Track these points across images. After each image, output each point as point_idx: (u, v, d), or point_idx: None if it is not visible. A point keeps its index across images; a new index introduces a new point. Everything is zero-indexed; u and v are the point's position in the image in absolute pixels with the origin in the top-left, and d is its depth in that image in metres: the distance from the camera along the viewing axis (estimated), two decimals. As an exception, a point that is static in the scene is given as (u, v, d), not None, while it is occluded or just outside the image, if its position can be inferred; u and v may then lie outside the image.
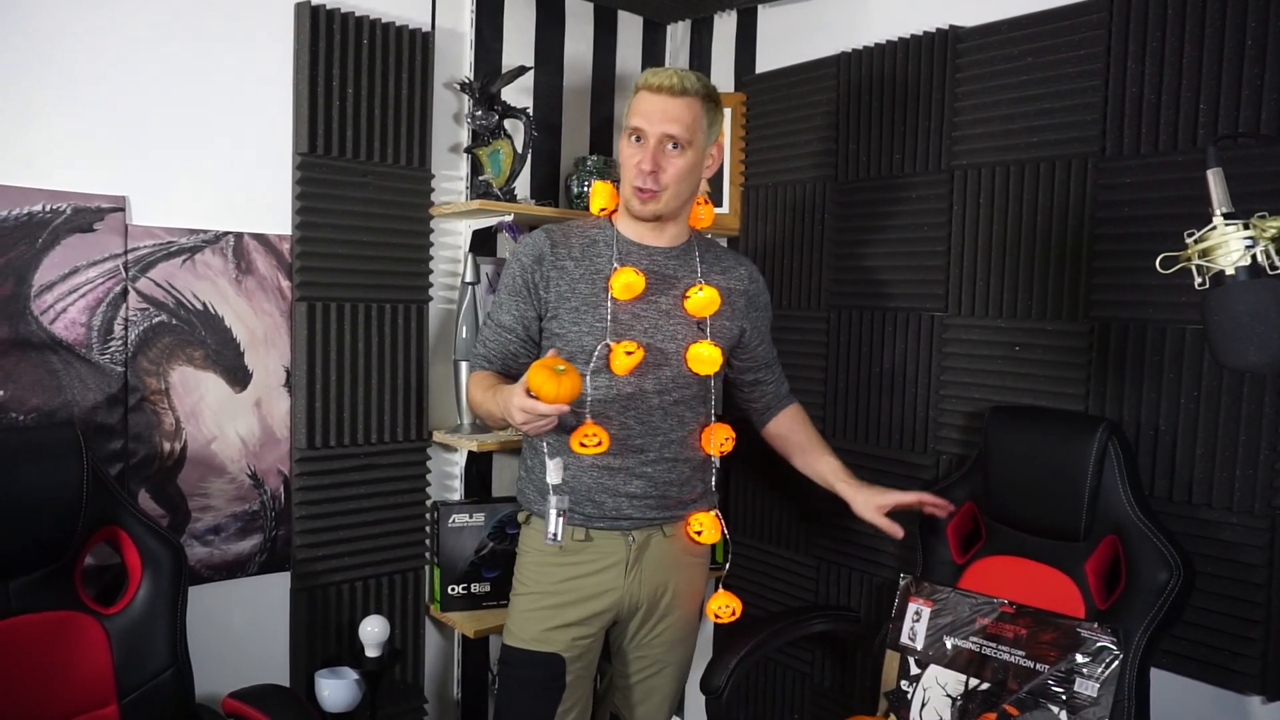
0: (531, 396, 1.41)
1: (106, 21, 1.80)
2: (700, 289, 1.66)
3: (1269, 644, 1.60)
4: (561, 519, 1.59)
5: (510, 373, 1.68)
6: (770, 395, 1.91)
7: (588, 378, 1.61)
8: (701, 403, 1.74)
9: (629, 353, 1.58)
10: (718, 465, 1.81)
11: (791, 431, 1.91)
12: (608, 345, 1.60)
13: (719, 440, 1.76)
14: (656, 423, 1.67)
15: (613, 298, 1.62)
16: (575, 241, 1.68)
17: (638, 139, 1.61)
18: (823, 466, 1.85)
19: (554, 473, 1.58)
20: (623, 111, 1.66)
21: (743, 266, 1.80)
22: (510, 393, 1.46)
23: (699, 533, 1.76)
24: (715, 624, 2.64)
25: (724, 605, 1.81)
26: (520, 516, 1.79)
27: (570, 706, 1.69)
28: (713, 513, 1.79)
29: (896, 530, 1.74)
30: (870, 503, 1.76)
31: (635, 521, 1.69)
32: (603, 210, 1.74)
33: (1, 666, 1.54)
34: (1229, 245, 1.14)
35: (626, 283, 1.61)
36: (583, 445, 1.59)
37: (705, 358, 1.66)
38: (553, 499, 1.58)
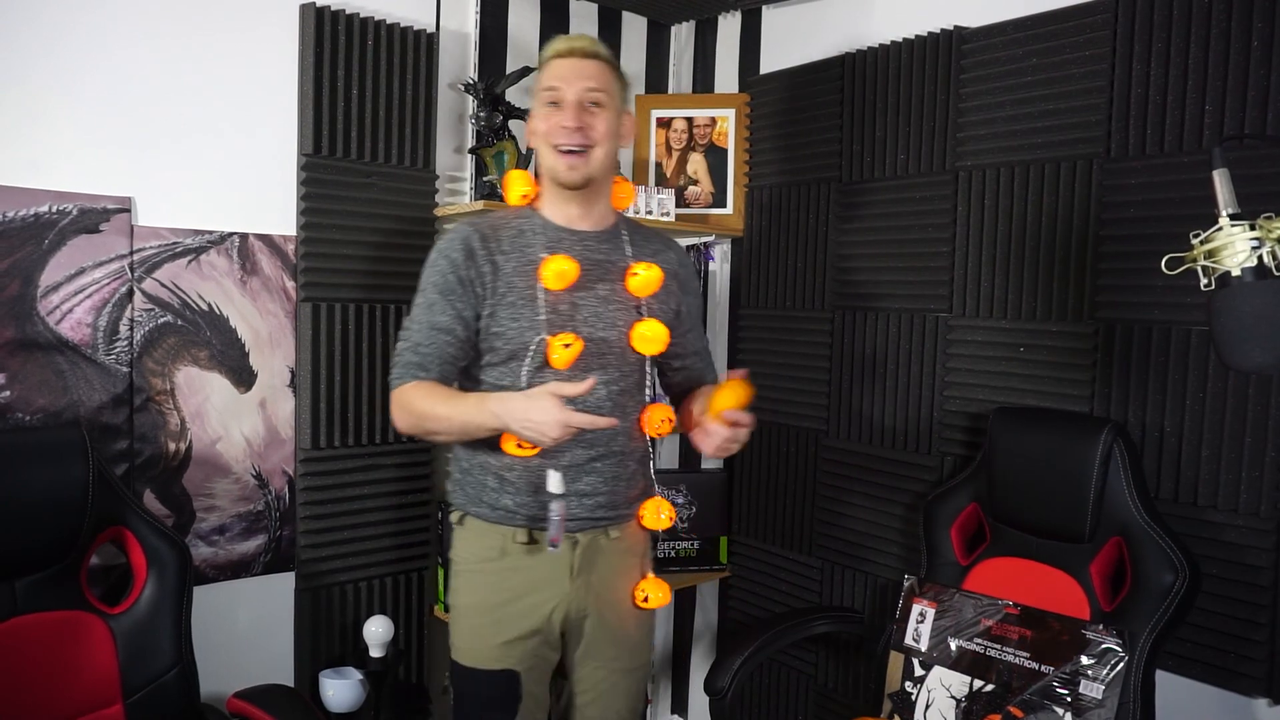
0: (569, 405, 1.35)
1: (112, 22, 1.80)
2: (647, 268, 1.59)
3: (1275, 646, 1.60)
4: (562, 525, 1.51)
5: (448, 381, 1.56)
6: (696, 379, 1.77)
7: (524, 374, 1.53)
8: (640, 389, 1.65)
9: (567, 345, 1.49)
10: (654, 454, 1.71)
11: (699, 392, 1.71)
12: (543, 339, 1.51)
13: (656, 421, 1.65)
14: (605, 414, 1.54)
15: (547, 288, 1.53)
16: (503, 233, 1.58)
17: (554, 103, 1.53)
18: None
19: (556, 483, 1.50)
20: (536, 84, 1.58)
21: (672, 249, 1.72)
22: (531, 407, 1.39)
23: (660, 517, 1.68)
24: (720, 626, 2.65)
25: (642, 592, 1.69)
26: (453, 517, 1.65)
27: (524, 713, 1.62)
28: (657, 498, 1.69)
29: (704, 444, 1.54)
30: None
31: (582, 523, 1.58)
32: (524, 198, 1.65)
33: (7, 666, 1.55)
34: (1235, 246, 1.14)
35: (559, 270, 1.51)
36: (520, 446, 1.49)
37: (651, 336, 1.58)
38: (555, 506, 1.50)
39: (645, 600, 1.68)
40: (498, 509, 1.58)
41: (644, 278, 1.59)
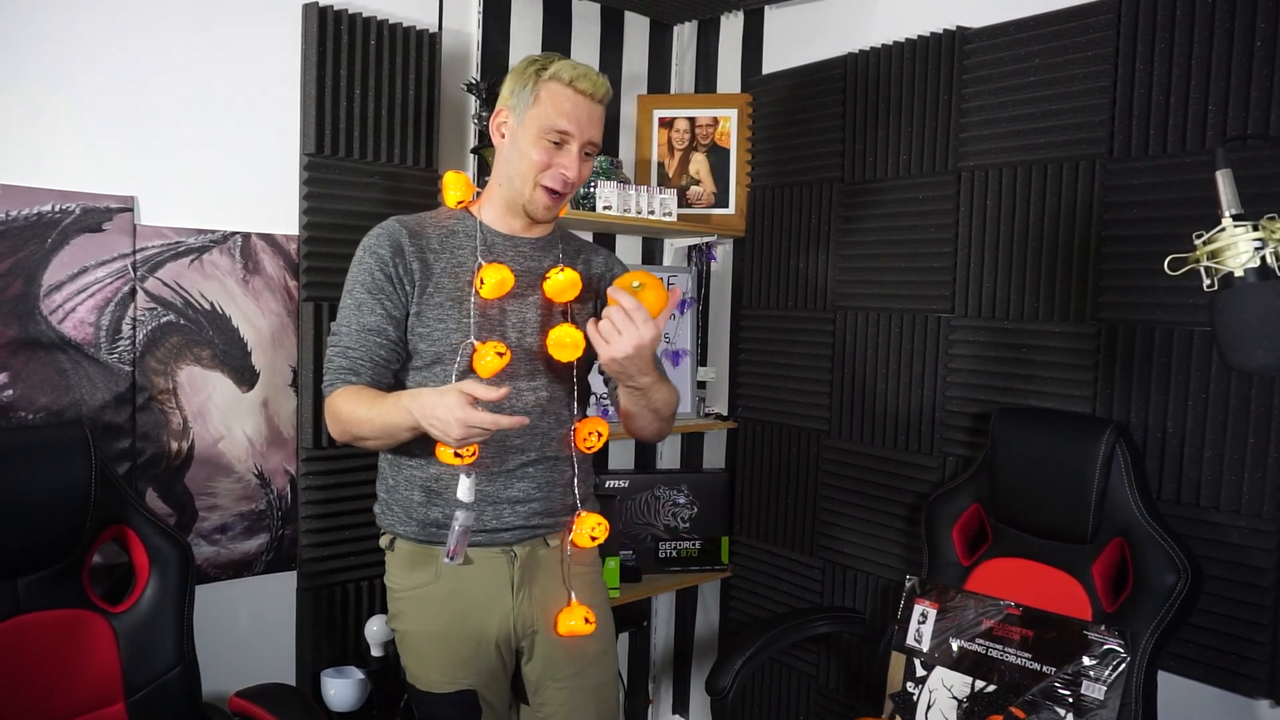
0: (477, 406, 1.27)
1: (114, 22, 1.80)
2: (560, 271, 1.52)
3: (1277, 647, 1.59)
4: (465, 539, 1.42)
5: (381, 385, 1.48)
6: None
7: (453, 379, 1.46)
8: (572, 396, 1.59)
9: (500, 354, 1.42)
10: (589, 465, 1.65)
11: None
12: (471, 345, 1.46)
13: (584, 434, 1.59)
14: (534, 420, 1.51)
15: (482, 297, 1.48)
16: (431, 232, 1.53)
17: (557, 144, 1.47)
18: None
19: (467, 490, 1.40)
20: (534, 101, 1.47)
21: (599, 255, 1.68)
22: (438, 403, 1.29)
23: (594, 538, 1.58)
24: (722, 627, 2.64)
25: (574, 620, 1.57)
26: (382, 542, 1.59)
27: None
28: (597, 515, 1.61)
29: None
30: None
31: (517, 533, 1.53)
32: (460, 204, 1.59)
33: (10, 664, 1.55)
34: (1238, 247, 1.14)
35: (499, 280, 1.46)
36: (458, 456, 1.41)
37: (567, 343, 1.49)
38: (460, 515, 1.41)
39: (567, 628, 1.56)
40: (427, 525, 1.52)
41: (558, 282, 1.52)
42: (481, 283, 1.47)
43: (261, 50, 1.99)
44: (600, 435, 1.61)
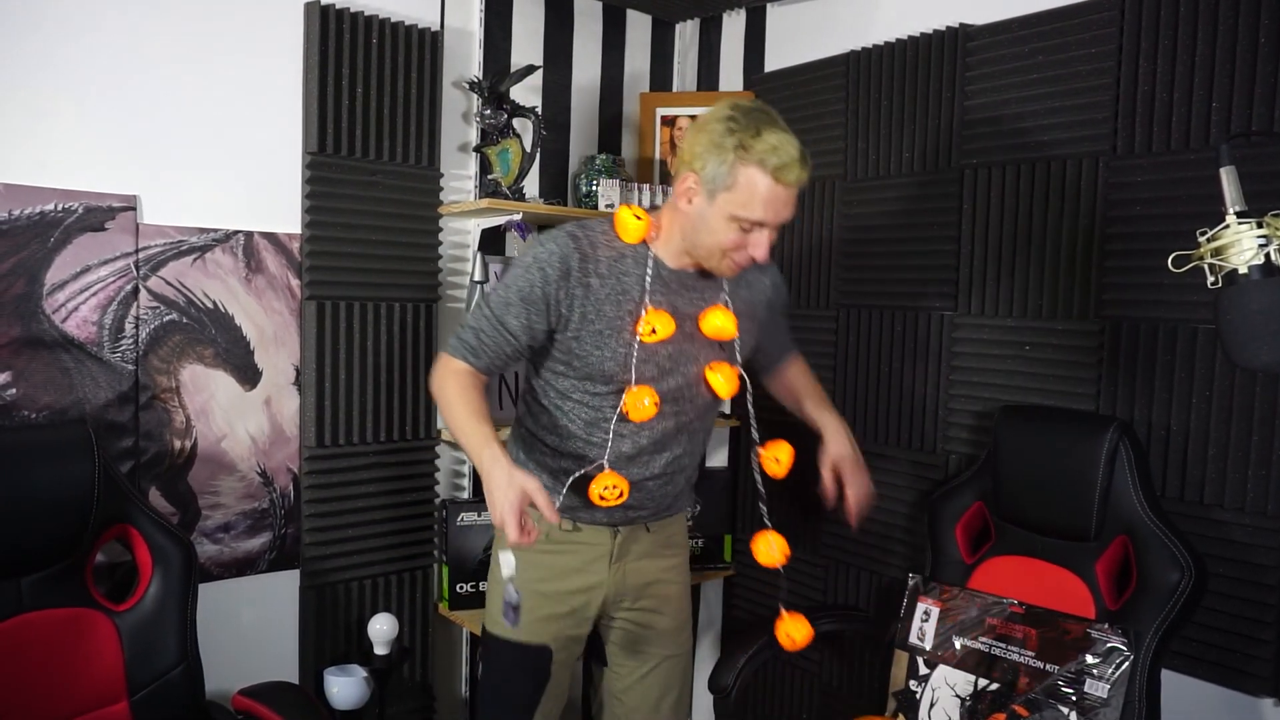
0: (531, 507, 1.36)
1: (117, 22, 1.81)
2: (721, 313, 1.55)
3: (1281, 645, 1.59)
4: (517, 613, 1.50)
5: (494, 372, 1.58)
6: (776, 361, 1.85)
7: (606, 412, 1.55)
8: (711, 412, 1.70)
9: (654, 402, 1.51)
10: (759, 490, 1.69)
11: (793, 379, 1.86)
12: (625, 386, 1.52)
13: (771, 458, 1.65)
14: (667, 441, 1.61)
15: (641, 340, 1.52)
16: (603, 255, 1.54)
17: (746, 230, 1.45)
18: (808, 405, 1.80)
19: (508, 567, 1.43)
20: (730, 184, 1.43)
21: (766, 275, 1.69)
22: (502, 486, 1.36)
23: (772, 552, 1.65)
24: (724, 625, 2.64)
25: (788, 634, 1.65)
26: None
27: (550, 693, 1.66)
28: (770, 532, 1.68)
29: (829, 497, 1.71)
30: (829, 454, 1.72)
31: (626, 517, 1.65)
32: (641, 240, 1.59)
33: (14, 663, 1.55)
34: (1242, 244, 1.13)
35: (657, 329, 1.50)
36: (603, 499, 1.52)
37: (723, 380, 1.58)
38: (510, 589, 1.47)
39: (789, 640, 1.64)
40: None
41: (713, 324, 1.55)
42: (650, 330, 1.50)
43: (263, 49, 1.99)
44: (780, 461, 1.66)
